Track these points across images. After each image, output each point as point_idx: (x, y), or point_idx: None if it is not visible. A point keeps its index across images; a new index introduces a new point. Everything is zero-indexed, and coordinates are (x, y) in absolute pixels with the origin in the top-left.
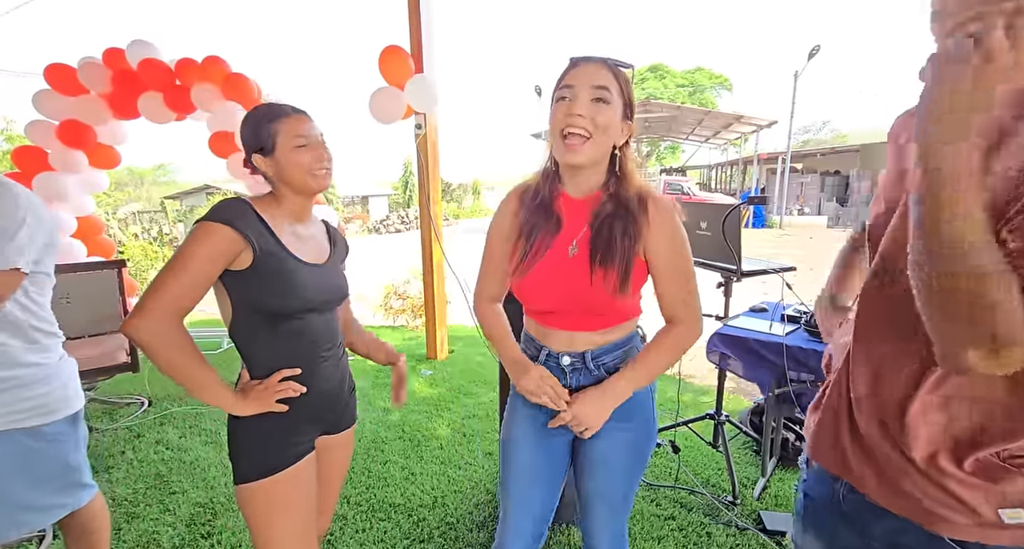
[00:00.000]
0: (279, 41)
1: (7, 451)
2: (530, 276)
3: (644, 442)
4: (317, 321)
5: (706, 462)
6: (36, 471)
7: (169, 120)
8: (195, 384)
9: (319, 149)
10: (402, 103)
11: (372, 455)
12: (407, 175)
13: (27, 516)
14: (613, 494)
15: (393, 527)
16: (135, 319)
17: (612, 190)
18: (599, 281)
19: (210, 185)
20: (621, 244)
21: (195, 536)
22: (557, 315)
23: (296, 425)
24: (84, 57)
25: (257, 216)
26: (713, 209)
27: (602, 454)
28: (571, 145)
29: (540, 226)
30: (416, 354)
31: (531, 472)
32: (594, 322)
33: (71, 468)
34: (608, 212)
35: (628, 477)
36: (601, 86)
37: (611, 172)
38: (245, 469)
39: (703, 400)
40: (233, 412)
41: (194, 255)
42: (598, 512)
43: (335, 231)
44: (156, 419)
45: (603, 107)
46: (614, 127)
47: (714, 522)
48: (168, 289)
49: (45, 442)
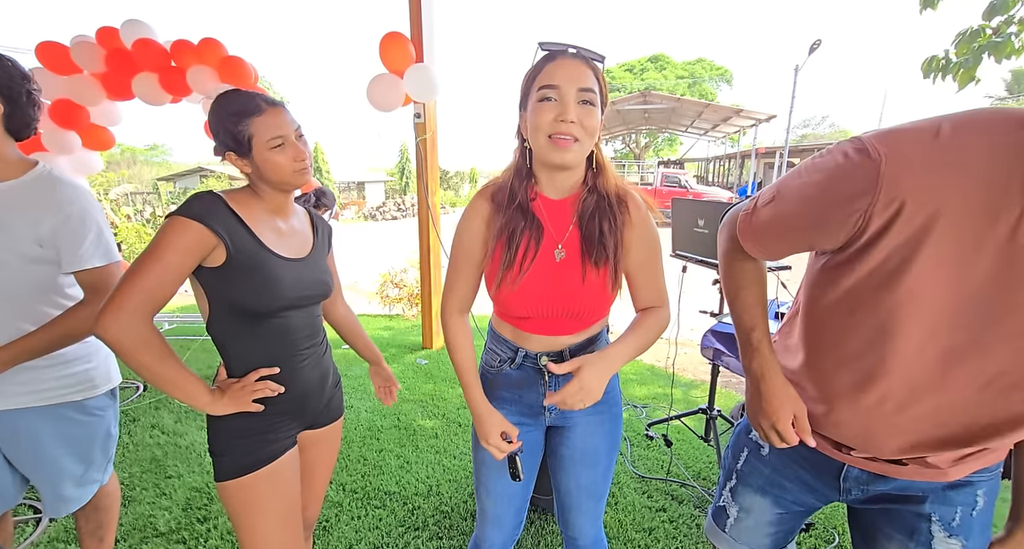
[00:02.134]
0: (277, 24)
1: (58, 427)
2: (521, 286)
3: (617, 424)
4: (297, 318)
5: (697, 456)
6: (83, 445)
7: (164, 102)
8: (168, 385)
9: (296, 146)
10: (401, 91)
11: (368, 443)
12: (403, 161)
13: (73, 491)
14: (596, 484)
15: (388, 514)
16: (104, 318)
17: (591, 185)
18: (592, 282)
19: (204, 167)
20: (611, 240)
21: (191, 520)
22: (537, 320)
23: (275, 422)
24: (77, 35)
25: (230, 211)
26: (711, 206)
27: (583, 449)
28: (563, 143)
29: (521, 232)
30: (412, 343)
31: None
32: (574, 324)
33: (111, 440)
34: (592, 208)
35: (609, 464)
36: (587, 88)
37: (588, 168)
38: (224, 467)
39: (694, 394)
40: (208, 412)
41: (163, 252)
42: (584, 507)
43: (318, 218)
44: (151, 403)
45: (591, 110)
46: (598, 126)
47: (704, 514)
48: (136, 287)
49: (90, 416)
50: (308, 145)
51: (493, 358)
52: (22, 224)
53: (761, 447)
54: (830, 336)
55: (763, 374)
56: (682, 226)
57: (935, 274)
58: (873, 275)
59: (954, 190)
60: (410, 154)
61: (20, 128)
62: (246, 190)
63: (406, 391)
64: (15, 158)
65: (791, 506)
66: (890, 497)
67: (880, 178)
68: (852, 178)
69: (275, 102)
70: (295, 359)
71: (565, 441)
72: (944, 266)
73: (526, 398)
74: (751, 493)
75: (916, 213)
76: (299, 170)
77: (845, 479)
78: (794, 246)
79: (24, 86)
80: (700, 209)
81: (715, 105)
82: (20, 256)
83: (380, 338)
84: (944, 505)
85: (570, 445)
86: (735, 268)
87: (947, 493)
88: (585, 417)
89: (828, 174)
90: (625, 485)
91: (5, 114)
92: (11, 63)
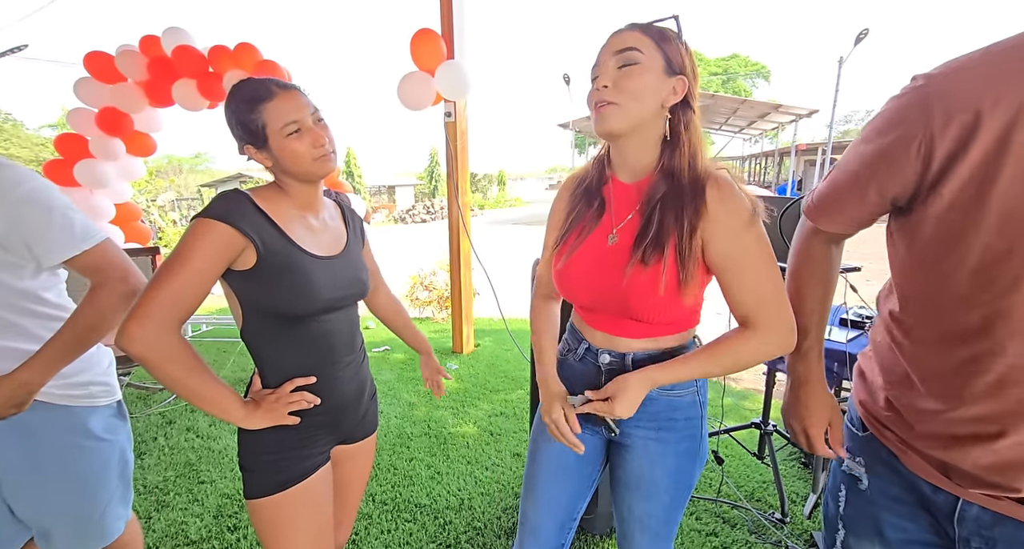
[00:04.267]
0: (310, 26)
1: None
2: (566, 265)
3: (690, 461)
4: (335, 322)
5: (749, 474)
6: (95, 474)
7: (202, 107)
8: (199, 399)
9: (315, 130)
10: (432, 89)
11: (398, 452)
12: (433, 165)
13: (108, 526)
14: (653, 520)
15: (419, 529)
16: (129, 329)
17: (665, 163)
18: (636, 277)
19: (243, 173)
20: (672, 234)
21: (222, 529)
22: (597, 314)
23: (310, 437)
24: (122, 45)
25: (258, 209)
26: (769, 202)
27: (639, 475)
28: (600, 111)
29: (581, 211)
30: (442, 347)
31: (560, 471)
32: (636, 328)
33: (128, 468)
34: (660, 194)
35: (671, 501)
36: (625, 49)
37: (664, 147)
38: (254, 484)
39: (745, 405)
40: (242, 426)
41: (189, 256)
42: (639, 541)
43: (348, 210)
44: (187, 406)
45: (631, 70)
46: (650, 89)
47: (761, 541)
48: (162, 294)
49: (98, 441)
50: (329, 129)
51: (564, 345)
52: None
53: (858, 481)
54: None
55: (806, 379)
56: None
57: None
58: (953, 208)
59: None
60: (439, 157)
61: None
62: (272, 186)
63: (435, 398)
64: None
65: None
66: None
67: (930, 97)
68: (902, 108)
69: (288, 85)
70: (334, 368)
71: (620, 460)
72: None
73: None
74: (868, 545)
75: (990, 121)
76: (319, 157)
77: (961, 521)
78: (865, 200)
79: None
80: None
81: (751, 101)
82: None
83: None
84: None
85: (625, 467)
86: (803, 257)
87: None
88: (644, 440)
89: (881, 117)
90: None
91: None
92: None
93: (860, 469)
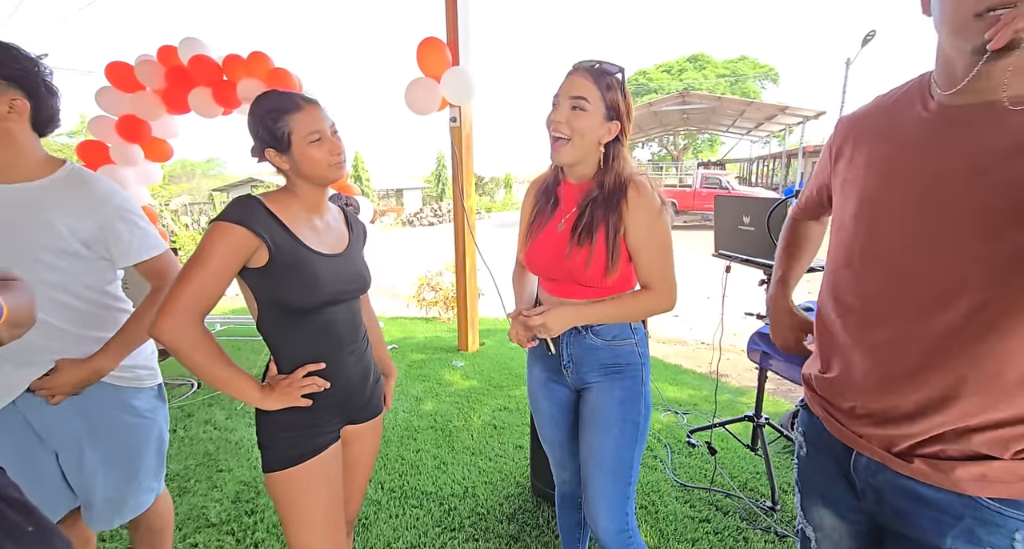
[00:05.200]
0: (319, 35)
1: (104, 421)
2: (531, 247)
3: (634, 398)
4: (340, 314)
5: (743, 465)
6: (133, 447)
7: (217, 114)
8: (221, 383)
9: (332, 141)
10: (438, 95)
11: (405, 443)
12: (440, 169)
13: (140, 497)
14: (606, 454)
15: (425, 514)
16: (159, 321)
17: (599, 179)
18: (576, 254)
19: (254, 178)
20: (601, 225)
21: (240, 512)
22: (554, 283)
23: (320, 417)
24: (141, 55)
25: (269, 212)
26: (758, 203)
27: (592, 409)
28: (556, 147)
29: (541, 206)
30: (448, 346)
31: (554, 418)
32: (584, 292)
33: (163, 445)
34: (592, 197)
35: (620, 434)
36: (577, 96)
37: (600, 164)
38: (271, 459)
39: (740, 401)
40: (259, 406)
41: (209, 256)
42: (597, 482)
43: (351, 214)
44: (205, 400)
45: (579, 114)
46: (592, 130)
47: (752, 527)
48: (186, 290)
49: (140, 418)
50: (342, 141)
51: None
52: (61, 223)
53: (801, 448)
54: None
55: (773, 306)
56: (725, 225)
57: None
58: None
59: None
60: (446, 161)
61: (45, 123)
62: (282, 191)
63: (442, 393)
64: (44, 156)
65: (851, 517)
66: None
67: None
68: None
69: (311, 100)
70: (339, 355)
71: (584, 402)
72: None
73: (549, 355)
74: (815, 506)
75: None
76: (335, 164)
77: (855, 468)
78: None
79: (40, 75)
80: (745, 206)
81: (758, 103)
82: (64, 255)
83: (417, 341)
84: (970, 544)
85: (585, 407)
86: (787, 230)
87: (974, 528)
88: (598, 381)
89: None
90: (666, 493)
91: (31, 110)
92: (17, 51)
93: (800, 438)
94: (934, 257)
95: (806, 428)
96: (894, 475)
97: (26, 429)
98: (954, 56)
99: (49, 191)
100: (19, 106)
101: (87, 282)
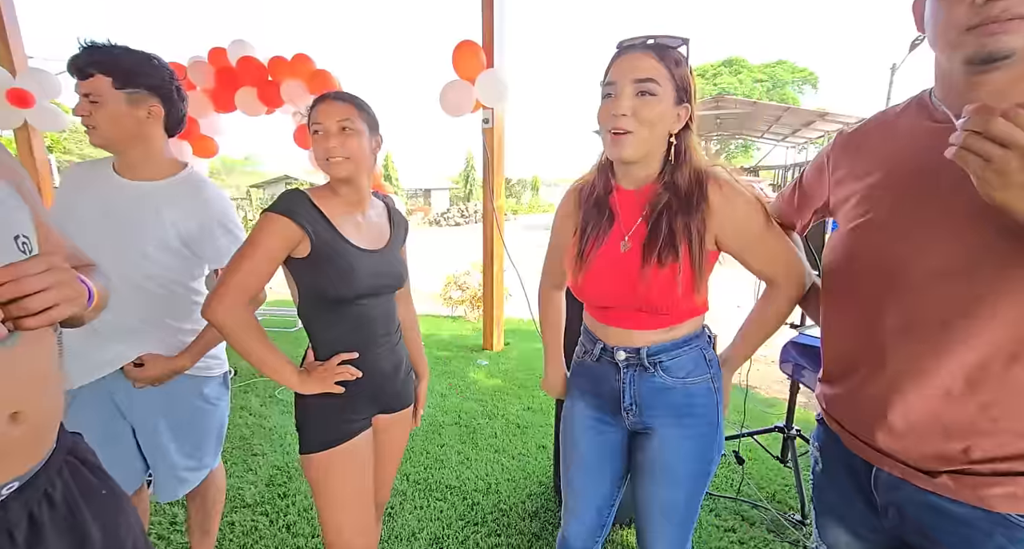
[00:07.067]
0: (360, 37)
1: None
2: (586, 274)
3: (708, 446)
4: (374, 306)
5: (772, 477)
6: (199, 429)
7: (260, 113)
8: (263, 365)
9: (334, 137)
10: (472, 97)
11: (430, 438)
12: (468, 169)
13: (188, 474)
14: (675, 509)
15: (449, 508)
16: (211, 303)
17: (667, 179)
18: (652, 277)
19: (288, 175)
20: (683, 238)
21: (273, 495)
22: (613, 311)
23: (353, 403)
24: (193, 56)
25: (314, 206)
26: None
27: (662, 463)
28: (616, 139)
29: (594, 222)
30: (473, 344)
31: (592, 465)
32: (652, 320)
33: (223, 428)
34: (664, 203)
35: (693, 489)
36: (644, 79)
37: (667, 160)
38: (307, 441)
39: (769, 412)
40: (296, 389)
41: (258, 244)
42: (659, 529)
43: (395, 212)
44: (241, 387)
45: (648, 100)
46: (664, 119)
47: (779, 539)
48: (236, 275)
49: (209, 404)
50: (355, 139)
51: (580, 348)
52: (169, 221)
53: (817, 464)
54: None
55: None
56: None
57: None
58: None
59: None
60: (475, 162)
61: (175, 125)
62: (325, 187)
63: (467, 391)
64: (170, 158)
65: (870, 536)
66: (929, 533)
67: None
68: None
69: (337, 94)
70: (373, 346)
71: (643, 449)
72: None
73: (603, 393)
74: (830, 524)
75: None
76: (333, 161)
77: (875, 485)
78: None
79: (173, 83)
80: None
81: (795, 109)
82: (166, 251)
83: (442, 339)
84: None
85: (648, 455)
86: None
87: (1006, 546)
88: (666, 428)
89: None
90: None
91: (165, 115)
92: (157, 61)
93: (816, 453)
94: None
95: (822, 443)
96: (916, 490)
97: (109, 404)
98: (951, 69)
99: (167, 190)
100: (156, 111)
101: (176, 277)
